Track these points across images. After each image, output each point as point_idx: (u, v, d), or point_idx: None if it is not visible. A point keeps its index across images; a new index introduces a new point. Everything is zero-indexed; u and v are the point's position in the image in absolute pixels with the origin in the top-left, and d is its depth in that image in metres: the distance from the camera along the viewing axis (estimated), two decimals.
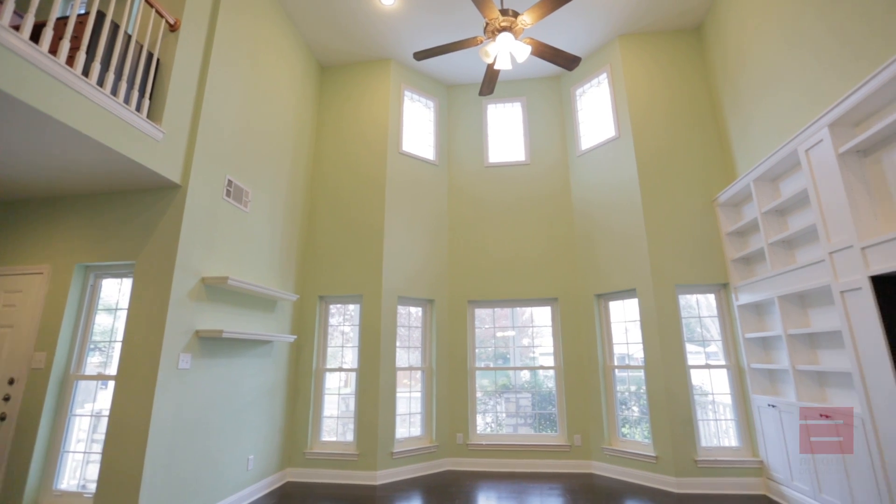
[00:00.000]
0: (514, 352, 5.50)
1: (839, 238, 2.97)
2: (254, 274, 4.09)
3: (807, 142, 3.24)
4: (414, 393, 5.09)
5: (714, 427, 4.39)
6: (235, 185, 3.87)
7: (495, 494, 4.05)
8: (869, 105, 2.80)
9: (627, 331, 4.86)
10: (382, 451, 4.48)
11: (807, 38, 3.40)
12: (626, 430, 4.75)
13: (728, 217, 4.52)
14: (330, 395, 4.90)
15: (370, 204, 5.13)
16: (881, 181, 2.83)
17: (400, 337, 5.07)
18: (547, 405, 5.22)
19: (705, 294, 4.64)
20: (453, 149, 5.94)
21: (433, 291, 5.32)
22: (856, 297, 2.84)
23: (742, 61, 4.31)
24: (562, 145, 5.76)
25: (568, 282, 5.28)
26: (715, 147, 4.79)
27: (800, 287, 3.41)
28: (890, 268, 2.59)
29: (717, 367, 4.43)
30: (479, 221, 5.62)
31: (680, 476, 4.04)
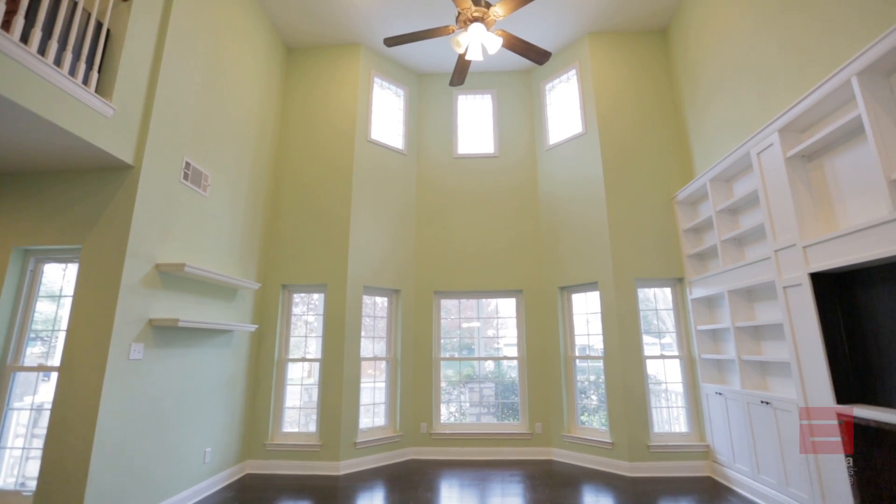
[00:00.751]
0: (478, 342, 5.57)
1: (784, 237, 3.16)
2: (213, 261, 3.94)
3: (758, 145, 3.42)
4: (378, 383, 5.08)
5: (666, 414, 4.62)
6: (194, 167, 3.70)
7: (458, 482, 4.11)
8: (814, 113, 2.97)
9: (589, 322, 5.02)
10: (346, 442, 4.45)
11: (761, 48, 3.57)
12: (584, 418, 4.93)
13: (685, 214, 4.72)
14: (292, 385, 4.81)
15: (337, 192, 5.03)
16: (822, 185, 3.03)
17: (365, 327, 5.03)
18: (510, 395, 5.33)
19: (662, 288, 4.84)
20: (423, 139, 5.90)
21: (399, 281, 5.29)
22: (797, 293, 3.04)
23: (702, 66, 4.48)
24: (530, 139, 5.83)
25: (533, 274, 5.38)
26: (676, 147, 4.97)
27: (748, 282, 3.61)
28: (827, 266, 2.79)
29: (670, 358, 4.65)
30: (447, 212, 5.62)
31: (634, 461, 4.23)
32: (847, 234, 2.63)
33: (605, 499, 3.63)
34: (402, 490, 3.88)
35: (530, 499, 3.63)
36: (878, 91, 2.52)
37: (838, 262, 2.70)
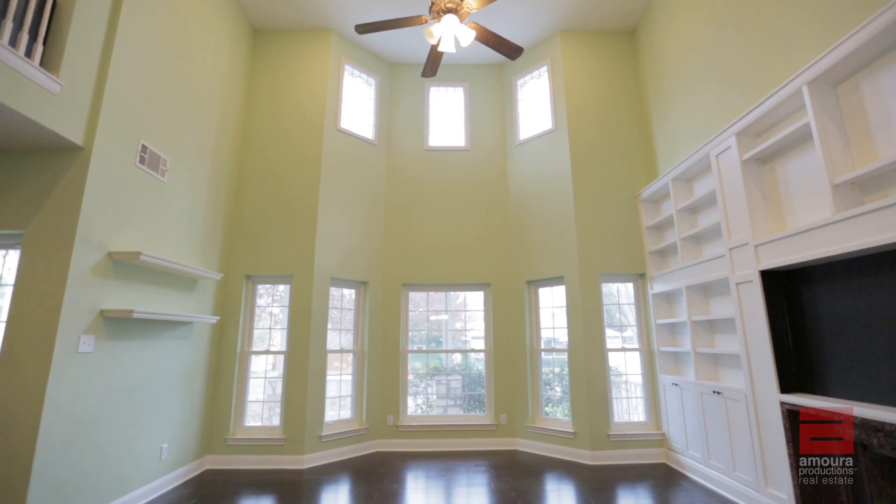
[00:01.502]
0: (446, 335, 5.60)
1: (738, 236, 3.32)
2: (172, 250, 3.77)
3: (717, 148, 3.56)
4: (345, 376, 5.03)
5: (626, 404, 4.79)
6: (151, 151, 3.51)
7: (424, 473, 4.14)
8: (768, 119, 3.13)
9: (554, 316, 5.13)
10: (310, 435, 4.39)
11: (721, 54, 3.71)
12: (548, 409, 5.05)
13: (648, 212, 4.88)
14: (255, 378, 4.70)
15: (304, 181, 4.90)
16: (774, 187, 3.20)
17: (332, 319, 4.96)
18: (476, 387, 5.40)
19: (625, 283, 5.00)
20: (393, 129, 5.83)
21: (367, 273, 5.24)
22: (748, 289, 3.21)
23: (667, 68, 4.62)
24: (501, 134, 5.86)
25: (501, 268, 5.44)
26: (642, 146, 5.12)
27: (704, 279, 3.78)
28: (775, 264, 2.95)
29: (631, 350, 4.82)
30: (417, 205, 5.60)
31: (594, 449, 4.38)
32: (794, 235, 2.79)
33: (566, 486, 3.74)
34: (368, 482, 3.87)
35: (494, 488, 3.70)
36: (825, 100, 2.67)
37: (786, 260, 2.87)
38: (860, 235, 2.37)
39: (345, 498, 3.56)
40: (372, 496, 3.54)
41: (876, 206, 2.27)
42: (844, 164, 2.57)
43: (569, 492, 3.63)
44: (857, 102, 2.58)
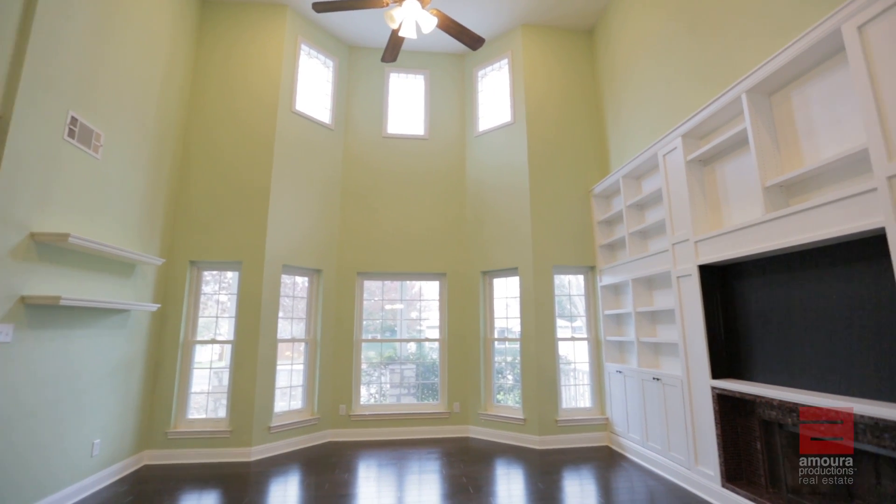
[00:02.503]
0: (401, 324, 5.59)
1: (680, 232, 3.52)
2: (107, 232, 3.50)
3: (665, 148, 3.74)
4: (296, 365, 4.91)
5: (573, 391, 5.00)
6: (82, 124, 3.22)
7: (376, 462, 4.13)
8: (711, 123, 3.32)
9: (508, 306, 5.24)
10: (259, 426, 4.27)
11: (671, 59, 3.89)
12: (500, 397, 5.18)
13: (600, 207, 5.07)
14: (200, 369, 4.48)
15: (256, 163, 4.69)
16: (713, 187, 3.41)
17: (283, 307, 4.81)
18: (430, 375, 5.44)
19: (576, 275, 5.18)
20: (351, 114, 5.68)
21: (321, 261, 5.11)
22: (687, 282, 3.42)
23: (620, 68, 4.78)
24: (461, 124, 5.86)
25: (457, 258, 5.48)
26: (596, 143, 5.29)
27: (649, 272, 3.99)
28: (712, 259, 3.16)
29: (580, 340, 5.02)
30: (373, 192, 5.51)
31: (543, 434, 4.54)
32: (729, 232, 3.00)
33: (515, 471, 3.87)
34: (319, 472, 3.82)
35: (446, 474, 3.76)
36: (761, 108, 2.87)
37: (721, 256, 3.07)
38: (785, 234, 2.58)
39: (294, 489, 3.50)
40: (323, 486, 3.50)
41: (799, 208, 2.48)
42: (775, 168, 2.78)
43: (517, 475, 3.75)
44: (787, 112, 2.78)
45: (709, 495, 3.14)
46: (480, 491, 3.38)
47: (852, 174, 2.37)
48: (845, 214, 2.24)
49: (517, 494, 3.36)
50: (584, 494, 3.35)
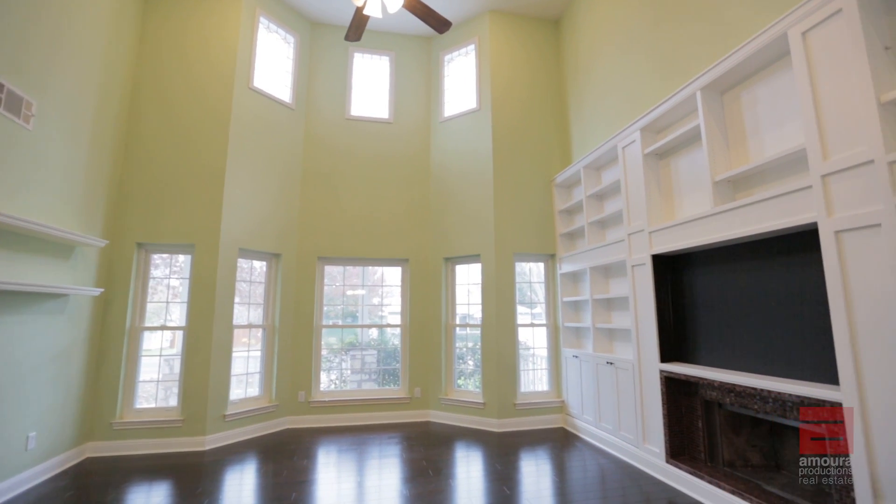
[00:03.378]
0: (362, 310, 5.54)
1: (636, 223, 3.66)
2: (41, 210, 3.23)
3: (624, 140, 3.86)
4: (253, 352, 4.77)
5: (532, 375, 5.15)
6: (10, 91, 2.94)
7: (336, 447, 4.11)
8: (668, 118, 3.45)
9: (469, 293, 5.30)
10: (213, 415, 4.13)
11: (633, 53, 3.99)
12: (461, 382, 5.26)
13: (561, 197, 5.18)
14: (149, 356, 4.27)
15: (210, 141, 4.45)
16: (668, 181, 3.56)
17: (240, 292, 4.65)
18: (392, 361, 5.44)
19: (537, 262, 5.30)
20: (313, 94, 5.49)
21: (280, 245, 4.96)
22: (641, 271, 3.58)
23: (585, 60, 4.87)
24: (426, 109, 5.79)
25: (419, 244, 5.47)
26: (559, 133, 5.38)
27: (606, 261, 4.13)
28: (665, 249, 3.31)
29: (539, 326, 5.16)
30: (335, 176, 5.38)
31: (502, 418, 4.67)
32: (681, 224, 3.15)
33: (475, 453, 3.96)
34: (277, 460, 3.76)
35: (406, 458, 3.80)
36: (714, 106, 3.00)
37: (673, 246, 3.23)
38: (731, 227, 2.73)
39: (251, 476, 3.43)
40: (280, 473, 3.45)
41: (744, 203, 2.63)
42: (724, 163, 2.93)
43: (476, 457, 3.84)
44: (737, 110, 2.93)
45: (654, 471, 3.34)
46: (440, 473, 3.44)
47: (792, 172, 2.53)
48: (784, 209, 2.40)
49: (476, 475, 3.44)
50: (540, 474, 3.48)
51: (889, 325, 1.89)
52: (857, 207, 2.03)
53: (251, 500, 3.00)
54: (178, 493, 3.09)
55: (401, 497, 3.01)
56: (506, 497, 3.00)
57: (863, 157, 2.01)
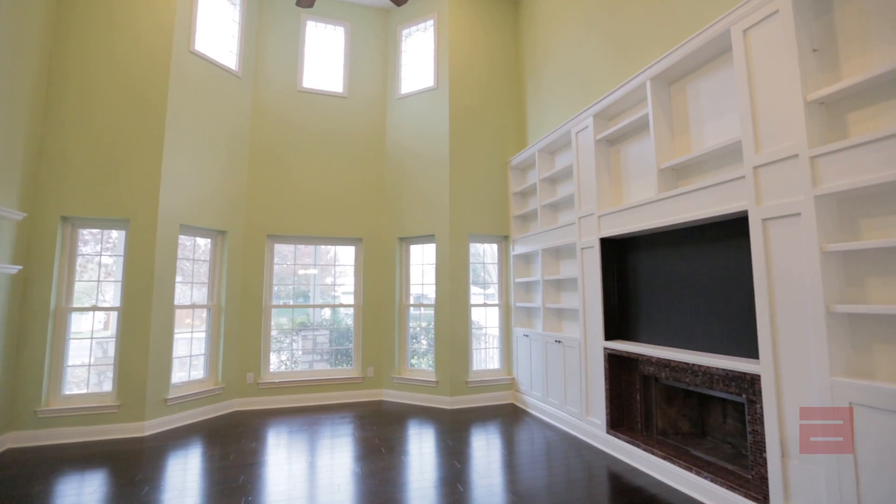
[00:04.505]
0: (314, 290, 5.42)
1: (587, 207, 3.79)
2: None
3: (578, 125, 3.95)
4: (197, 333, 4.56)
5: (484, 354, 5.29)
6: None
7: (287, 429, 4.05)
8: (619, 105, 3.56)
9: (424, 273, 5.31)
10: (153, 399, 3.93)
11: (588, 40, 4.06)
12: (414, 361, 5.31)
13: (516, 179, 5.26)
14: (79, 339, 3.98)
15: (145, 107, 4.11)
16: (617, 167, 3.69)
17: (182, 271, 4.40)
18: (345, 341, 5.39)
19: (491, 244, 5.38)
20: (262, 63, 5.17)
21: (226, 222, 4.72)
22: (590, 253, 3.72)
23: (542, 44, 4.90)
24: (382, 85, 5.63)
25: (374, 223, 5.39)
26: (515, 115, 5.42)
27: (557, 243, 4.27)
28: (612, 233, 3.46)
29: (492, 306, 5.28)
30: (286, 150, 5.15)
31: (454, 395, 4.77)
32: (628, 209, 3.29)
33: (427, 430, 4.04)
34: (224, 443, 3.66)
35: (359, 437, 3.81)
36: (662, 96, 3.13)
37: (620, 230, 3.38)
38: (672, 213, 2.89)
39: (196, 461, 3.32)
40: (228, 456, 3.36)
41: (684, 190, 2.79)
42: (669, 152, 3.08)
43: (429, 434, 3.92)
44: (682, 101, 3.07)
45: (596, 441, 3.56)
46: (393, 450, 3.49)
47: (728, 162, 2.71)
48: (720, 198, 2.57)
49: (428, 451, 3.52)
50: (490, 448, 3.61)
51: (803, 305, 2.09)
52: (782, 197, 2.21)
53: (196, 484, 2.91)
54: (114, 482, 2.94)
55: (353, 475, 3.03)
56: (457, 471, 3.09)
57: (789, 152, 2.17)
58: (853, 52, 2.09)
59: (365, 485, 2.87)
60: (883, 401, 1.79)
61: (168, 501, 2.65)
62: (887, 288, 1.92)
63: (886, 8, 1.98)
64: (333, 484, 2.90)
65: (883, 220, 1.94)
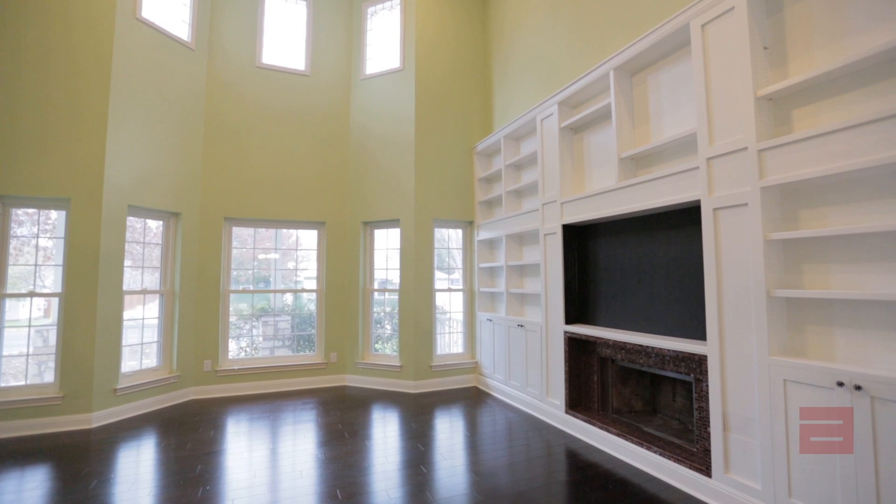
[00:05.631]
0: (275, 274, 5.27)
1: (550, 193, 3.86)
2: None
3: (543, 112, 3.99)
4: (150, 320, 4.36)
5: (448, 339, 5.34)
6: None
7: (247, 416, 3.97)
8: (583, 94, 3.61)
9: (388, 258, 5.28)
10: (101, 389, 3.74)
11: (555, 27, 4.08)
12: (378, 346, 5.30)
13: (481, 165, 5.27)
14: (14, 328, 3.70)
15: (87, 76, 3.80)
16: (580, 155, 3.77)
17: (132, 255, 4.17)
18: (307, 327, 5.30)
19: (456, 229, 5.40)
20: (218, 35, 4.89)
21: (180, 203, 4.49)
22: (552, 239, 3.81)
23: (509, 29, 4.88)
24: (346, 64, 5.46)
25: (337, 207, 5.28)
26: (482, 100, 5.40)
27: (520, 229, 4.33)
28: (574, 219, 3.55)
29: (456, 291, 5.32)
30: (245, 129, 4.93)
31: (418, 379, 4.81)
32: (589, 196, 3.38)
33: (391, 414, 4.06)
34: (180, 433, 3.54)
35: (322, 423, 3.79)
36: (624, 86, 3.20)
37: (581, 217, 3.46)
38: (631, 201, 2.99)
39: (149, 452, 3.19)
40: (184, 446, 3.26)
41: (643, 179, 2.88)
42: (629, 141, 3.17)
43: (393, 418, 3.95)
44: (643, 92, 3.15)
45: (555, 421, 3.70)
46: (356, 435, 3.49)
47: (685, 153, 2.82)
48: (675, 187, 2.68)
49: (392, 435, 3.55)
50: (453, 430, 3.68)
51: (746, 290, 2.23)
52: (732, 188, 2.33)
53: (150, 476, 2.80)
54: (59, 477, 2.79)
55: (316, 460, 3.01)
56: (420, 453, 3.14)
57: (739, 144, 2.28)
58: (799, 52, 2.21)
59: (328, 469, 2.87)
60: (810, 376, 1.95)
61: (119, 494, 2.55)
62: (820, 274, 2.07)
63: (828, 11, 2.09)
64: (296, 470, 2.87)
65: (819, 210, 2.09)
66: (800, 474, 1.99)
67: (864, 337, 1.92)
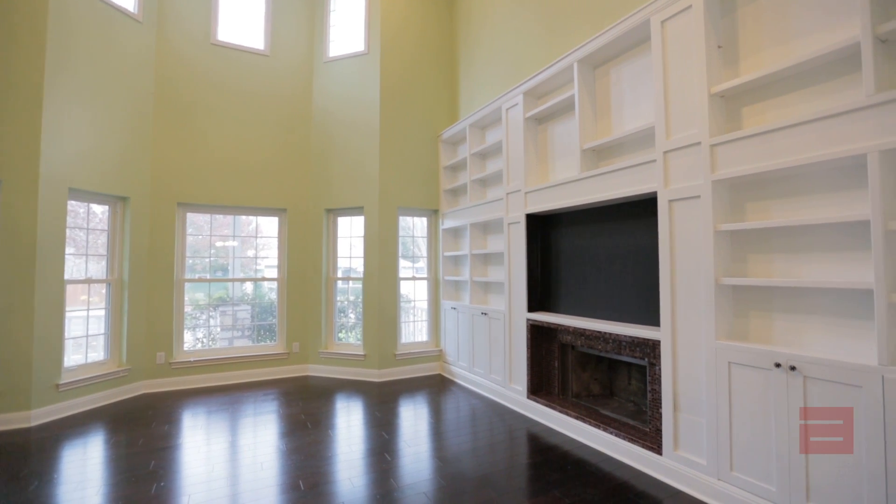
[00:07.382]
0: (234, 263, 5.09)
1: (514, 183, 3.90)
2: None
3: (508, 102, 4.01)
4: (96, 311, 4.11)
5: (413, 327, 5.35)
6: None
7: (204, 409, 3.84)
8: (548, 85, 3.65)
9: (352, 246, 5.20)
10: (41, 385, 3.51)
11: (521, 16, 4.09)
12: (342, 335, 5.24)
13: (447, 153, 5.25)
14: None
15: (19, 47, 3.48)
16: (544, 145, 3.82)
17: (74, 242, 3.90)
18: (268, 316, 5.16)
19: (421, 217, 5.37)
20: (168, 8, 4.58)
21: (127, 187, 4.23)
22: (516, 228, 3.86)
23: (476, 16, 4.85)
24: (308, 45, 5.27)
25: (299, 193, 5.13)
26: (448, 87, 5.35)
27: (485, 218, 4.36)
28: (538, 209, 3.61)
29: (420, 279, 5.32)
30: (199, 110, 4.67)
31: (382, 368, 4.80)
32: (553, 187, 3.44)
33: (355, 403, 4.04)
34: (131, 429, 3.38)
35: (284, 413, 3.72)
36: (587, 78, 3.26)
37: (545, 207, 3.53)
38: (593, 192, 3.07)
39: (97, 450, 3.03)
40: (136, 442, 3.12)
41: (603, 171, 2.96)
42: (592, 133, 3.24)
43: (356, 407, 3.93)
44: (606, 85, 3.22)
45: (517, 406, 3.79)
46: (319, 425, 3.45)
47: (643, 146, 2.91)
48: (634, 179, 2.77)
49: (356, 424, 3.53)
50: (417, 417, 3.71)
51: (697, 278, 2.35)
52: (686, 181, 2.43)
53: (98, 474, 2.67)
54: None
55: (278, 452, 2.96)
56: (385, 441, 3.14)
57: (693, 139, 2.38)
58: (750, 51, 2.31)
59: (290, 460, 2.83)
60: (751, 358, 2.08)
61: (64, 495, 2.41)
62: (763, 264, 2.21)
63: (777, 15, 2.20)
64: (257, 462, 2.81)
65: (763, 204, 2.22)
66: (740, 449, 2.14)
67: (800, 321, 2.07)
